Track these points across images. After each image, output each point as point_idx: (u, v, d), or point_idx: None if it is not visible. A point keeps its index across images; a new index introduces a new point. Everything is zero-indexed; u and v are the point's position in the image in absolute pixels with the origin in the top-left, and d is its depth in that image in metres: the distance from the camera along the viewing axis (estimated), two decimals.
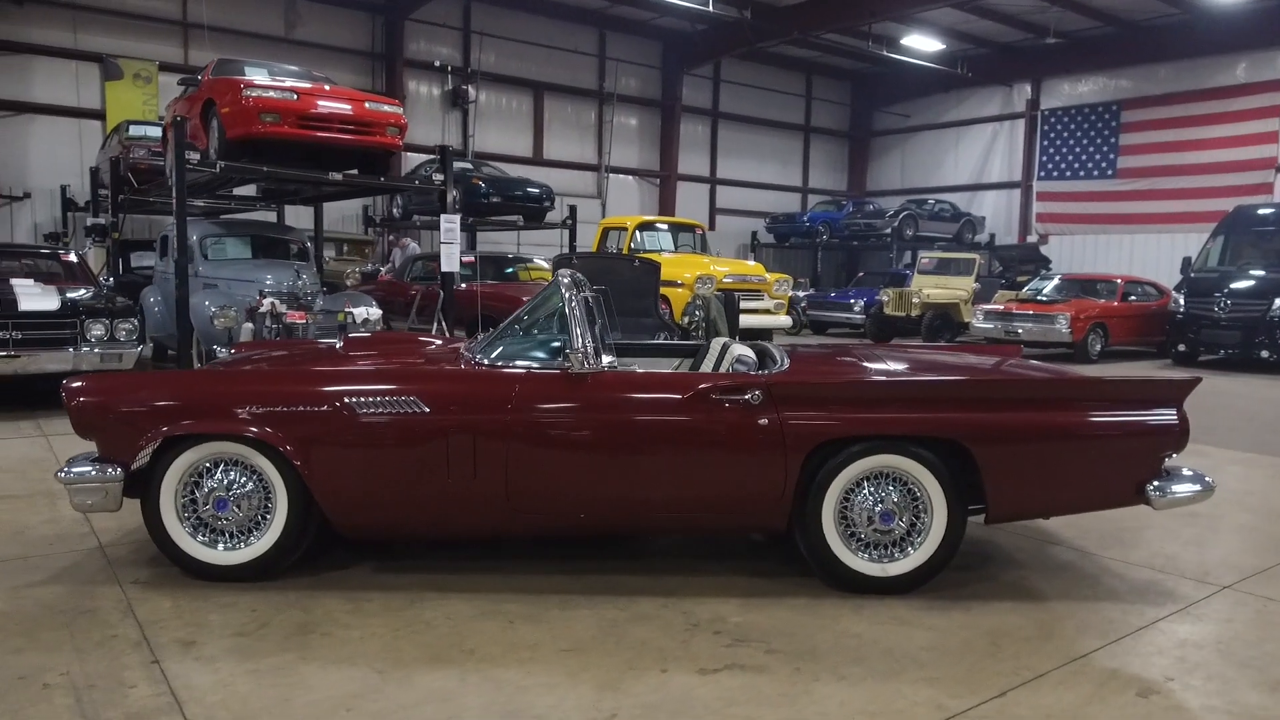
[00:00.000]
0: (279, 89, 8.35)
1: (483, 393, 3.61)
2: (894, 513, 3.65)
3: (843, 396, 3.64)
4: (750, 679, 2.95)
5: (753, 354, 4.07)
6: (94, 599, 3.50)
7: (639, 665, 3.02)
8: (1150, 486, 3.63)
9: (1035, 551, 4.36)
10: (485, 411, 3.58)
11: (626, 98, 23.47)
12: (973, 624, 3.44)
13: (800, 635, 3.30)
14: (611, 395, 3.63)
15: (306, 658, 3.03)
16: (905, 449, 3.61)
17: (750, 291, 12.28)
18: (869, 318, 17.42)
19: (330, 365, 4.00)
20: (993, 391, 3.69)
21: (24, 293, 7.49)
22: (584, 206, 22.10)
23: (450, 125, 21.25)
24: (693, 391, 3.60)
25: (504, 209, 16.68)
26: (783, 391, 3.60)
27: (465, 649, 3.12)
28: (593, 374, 3.65)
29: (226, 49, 17.43)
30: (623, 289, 9.58)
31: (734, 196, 26.02)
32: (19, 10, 16.20)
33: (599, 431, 3.60)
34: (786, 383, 3.62)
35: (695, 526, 3.84)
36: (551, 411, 3.60)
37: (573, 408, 3.60)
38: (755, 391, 3.59)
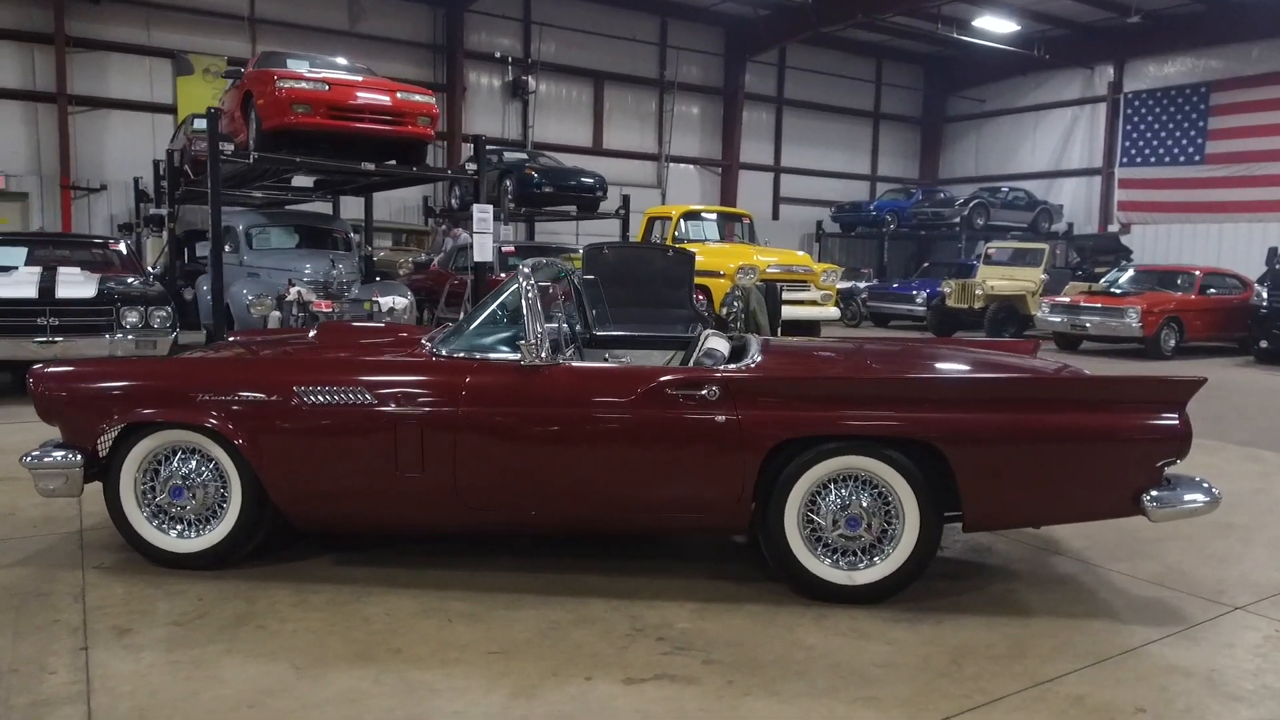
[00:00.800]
0: (311, 80, 8.45)
1: (432, 384, 3.52)
2: (860, 518, 3.43)
3: (804, 393, 3.43)
4: (677, 691, 2.79)
5: (724, 347, 3.89)
6: (53, 583, 3.54)
7: (565, 671, 2.90)
8: (1147, 496, 3.32)
9: (1035, 562, 4.07)
10: (434, 403, 3.49)
11: (687, 86, 23.22)
12: (939, 639, 3.20)
13: (747, 645, 3.12)
14: (563, 389, 3.49)
15: (232, 650, 2.99)
16: (873, 450, 3.38)
17: (796, 282, 11.97)
18: (930, 310, 16.86)
19: (288, 355, 3.96)
20: (966, 390, 3.42)
21: (65, 280, 7.76)
22: (644, 196, 22.01)
23: (510, 116, 21.37)
24: (647, 386, 3.44)
25: (557, 199, 16.67)
26: (740, 387, 3.41)
27: (393, 648, 3.04)
28: (546, 367, 3.53)
29: (293, 43, 17.86)
30: (656, 279, 9.47)
31: (798, 185, 25.55)
32: (96, 9, 16.87)
33: (550, 426, 3.47)
34: (745, 378, 3.43)
35: (651, 527, 3.69)
36: (501, 404, 3.49)
37: (523, 401, 3.48)
38: (712, 387, 3.41)
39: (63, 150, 16.70)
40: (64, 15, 16.52)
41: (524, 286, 3.67)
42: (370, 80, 9.07)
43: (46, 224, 16.58)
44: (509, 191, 16.43)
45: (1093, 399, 3.37)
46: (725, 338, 4.17)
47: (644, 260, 9.58)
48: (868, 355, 3.99)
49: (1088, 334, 13.55)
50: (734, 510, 3.46)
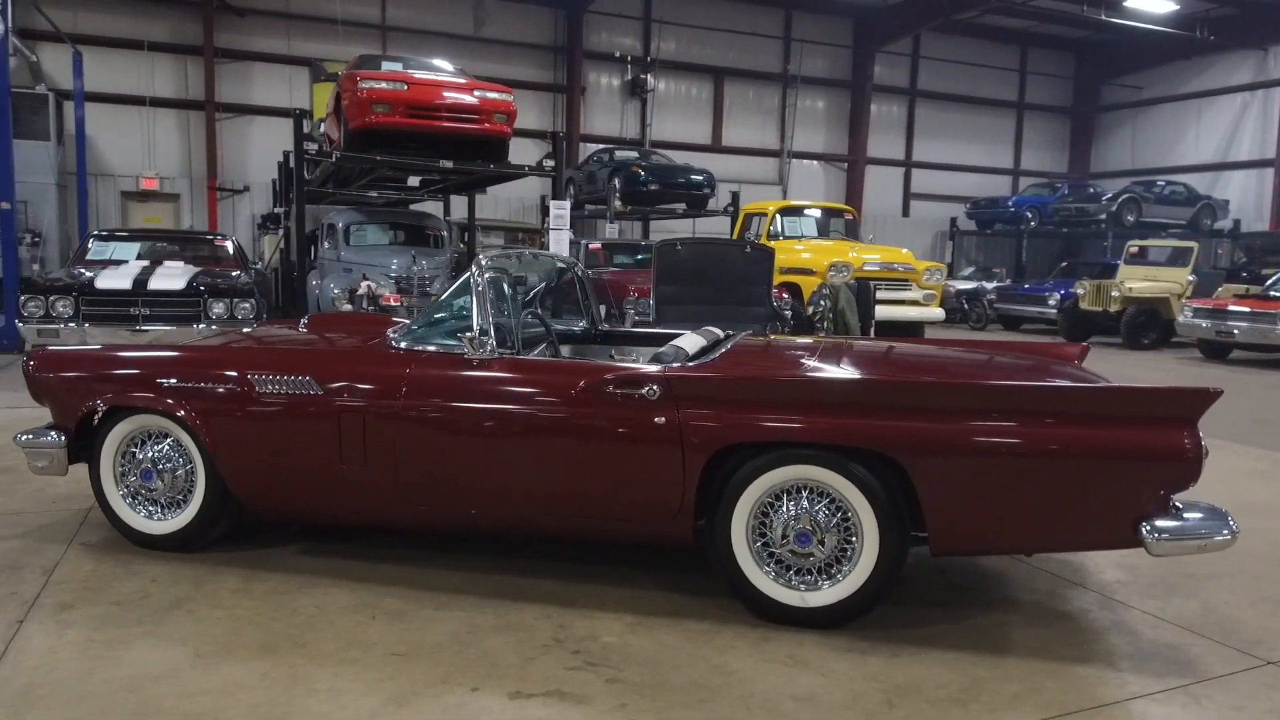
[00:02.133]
0: (391, 80, 8.68)
1: (374, 375, 3.46)
2: (811, 533, 3.12)
3: (747, 396, 3.14)
4: (560, 711, 2.60)
5: (693, 344, 3.63)
6: (34, 556, 3.71)
7: (454, 680, 2.76)
8: (1146, 526, 2.85)
9: (1048, 593, 3.61)
10: (376, 395, 3.43)
11: (812, 80, 22.59)
12: (885, 674, 2.86)
13: (665, 666, 2.89)
14: (502, 383, 3.36)
15: (151, 633, 3.03)
16: (827, 460, 3.07)
17: (896, 281, 11.36)
18: (1061, 313, 15.66)
19: (248, 345, 3.99)
20: (926, 397, 3.04)
21: (160, 273, 8.30)
22: (765, 193, 21.61)
23: (629, 115, 21.42)
24: (585, 383, 3.25)
25: (664, 196, 16.56)
26: (682, 387, 3.17)
27: (301, 642, 2.99)
28: (487, 360, 3.40)
29: (421, 48, 18.55)
30: (734, 276, 9.19)
31: (931, 181, 24.39)
32: (241, 21, 18.09)
33: (487, 421, 3.34)
34: (686, 378, 3.18)
35: (590, 534, 3.49)
36: (439, 397, 3.39)
37: (461, 394, 3.37)
38: (652, 386, 3.18)
39: (210, 154, 18.02)
40: (213, 28, 17.81)
41: (474, 277, 3.56)
42: (449, 80, 9.23)
43: (195, 223, 17.93)
44: (616, 190, 16.46)
45: (1078, 412, 2.91)
46: (703, 334, 3.90)
47: (720, 257, 9.31)
48: (850, 357, 3.64)
49: (1235, 341, 12.19)
50: (674, 519, 3.22)
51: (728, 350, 3.60)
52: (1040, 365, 3.68)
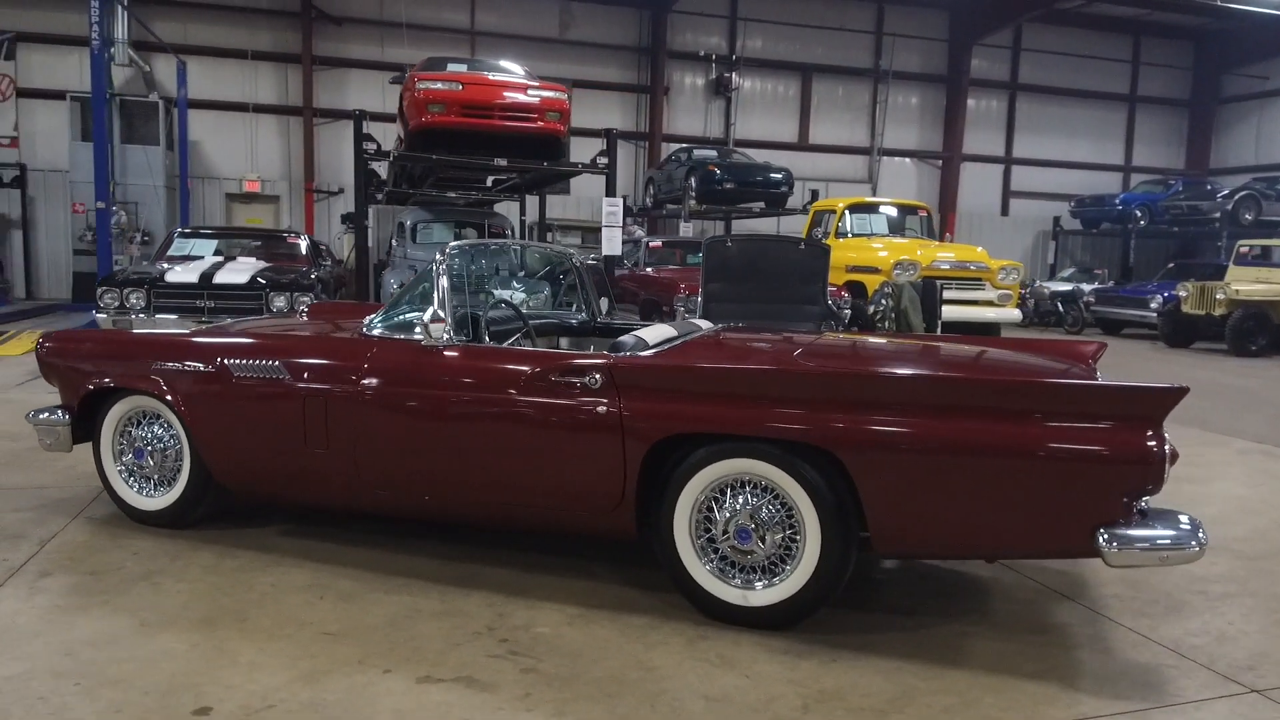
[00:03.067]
0: (447, 80, 8.86)
1: (337, 361, 3.52)
2: (750, 530, 3.00)
3: (687, 386, 3.04)
4: (461, 696, 2.57)
5: (656, 334, 3.55)
6: (38, 526, 3.94)
7: (371, 661, 2.77)
8: (1104, 533, 2.62)
9: (1030, 604, 3.37)
10: (337, 380, 3.48)
11: (905, 75, 21.94)
12: (813, 680, 2.72)
13: (588, 658, 2.83)
14: (452, 370, 3.36)
15: (109, 603, 3.16)
16: (768, 454, 2.95)
17: (969, 280, 10.89)
18: (1161, 316, 14.71)
19: (230, 330, 4.12)
20: (866, 389, 2.87)
21: (229, 268, 8.70)
22: (854, 192, 21.09)
23: (713, 114, 21.30)
24: (532, 371, 3.22)
25: (741, 195, 16.37)
26: (625, 376, 3.10)
27: (243, 617, 3.07)
28: (442, 347, 3.41)
29: (508, 53, 18.90)
30: (787, 274, 9.01)
31: (1032, 178, 23.34)
32: (338, 30, 18.85)
33: (437, 407, 3.35)
34: (627, 366, 3.11)
35: (537, 524, 3.44)
36: (394, 384, 3.42)
37: (413, 380, 3.39)
38: (595, 374, 3.13)
39: (307, 158, 18.83)
40: (312, 37, 18.61)
41: (436, 264, 3.58)
42: (504, 79, 9.36)
43: (293, 223, 18.77)
44: (692, 189, 16.37)
45: (1029, 410, 2.70)
46: (682, 326, 3.82)
47: (772, 254, 9.12)
48: (813, 350, 3.48)
49: None
50: (616, 510, 3.15)
51: (689, 340, 3.51)
52: (1021, 363, 3.44)
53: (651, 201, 18.81)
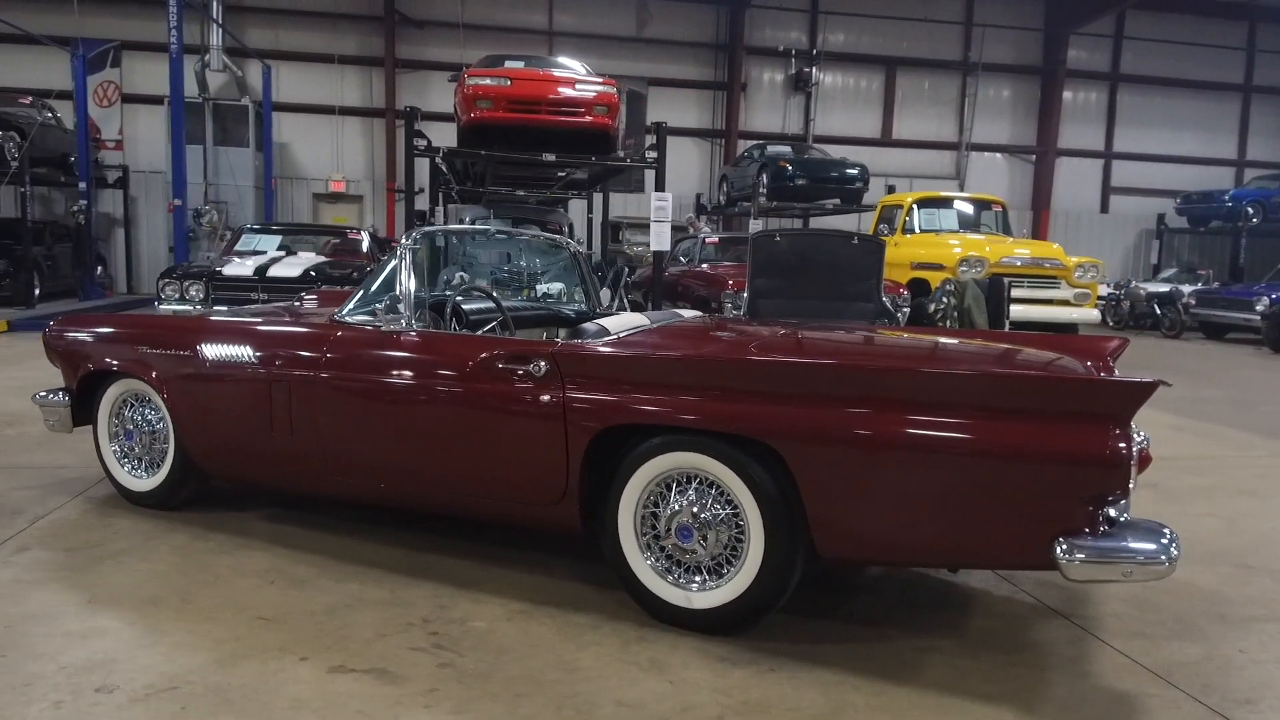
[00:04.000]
0: (495, 76, 8.89)
1: (302, 346, 3.50)
2: (693, 529, 2.84)
3: (629, 376, 2.89)
4: (367, 688, 2.50)
5: (622, 322, 3.41)
6: (38, 504, 4.06)
7: (292, 648, 2.73)
8: (1061, 544, 2.36)
9: (1013, 619, 3.10)
10: (300, 365, 3.47)
11: (995, 66, 21.09)
12: (741, 689, 2.54)
13: (513, 656, 2.72)
14: (405, 356, 3.30)
15: (68, 579, 3.21)
16: (712, 449, 2.78)
17: (1043, 278, 10.32)
18: (1266, 320, 13.66)
19: (212, 316, 4.17)
20: (805, 379, 2.66)
21: (285, 262, 8.95)
22: (939, 188, 20.38)
23: (792, 110, 20.92)
24: (481, 358, 3.13)
25: (814, 192, 15.99)
26: (568, 365, 2.98)
27: (188, 599, 3.07)
28: (396, 332, 3.36)
29: (587, 51, 19.04)
30: (839, 270, 8.71)
31: (1135, 173, 22.11)
32: (420, 33, 19.29)
33: (389, 394, 3.30)
34: (570, 354, 2.99)
35: (486, 515, 3.34)
36: (351, 370, 3.38)
37: (368, 366, 3.35)
38: (539, 362, 3.02)
39: (389, 158, 19.33)
40: (394, 40, 19.10)
41: (400, 251, 3.53)
42: (551, 74, 9.33)
43: (375, 221, 19.29)
44: (763, 186, 16.08)
45: (980, 404, 2.45)
46: (649, 316, 3.66)
47: (824, 249, 8.82)
48: (773, 341, 3.28)
49: None
50: (559, 503, 3.03)
51: (651, 329, 3.36)
52: (984, 355, 3.15)
53: (725, 199, 18.59)
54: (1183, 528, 4.23)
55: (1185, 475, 5.30)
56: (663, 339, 3.16)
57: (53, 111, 15.94)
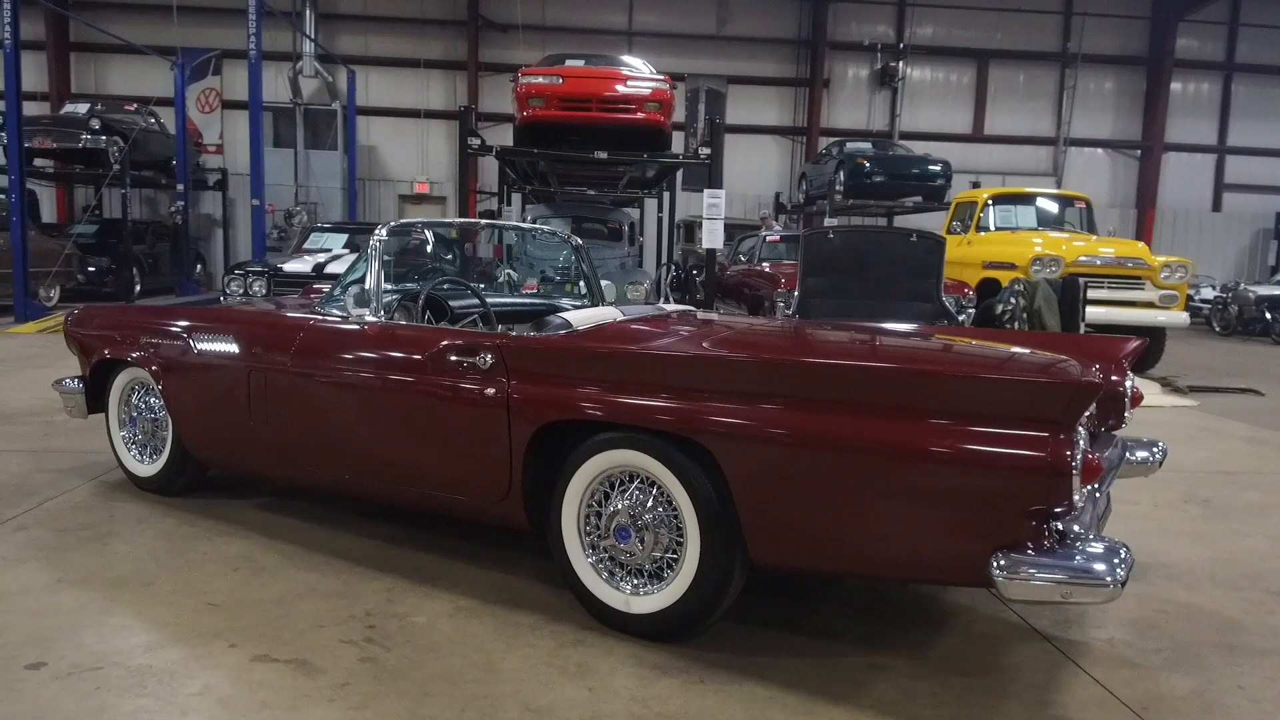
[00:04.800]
0: (547, 74, 8.92)
1: (274, 337, 3.53)
2: (630, 529, 2.72)
3: (569, 370, 2.80)
4: (280, 678, 2.48)
5: (589, 316, 3.30)
6: (52, 486, 4.23)
7: (226, 635, 2.73)
8: (998, 560, 2.15)
9: (989, 639, 2.86)
10: (273, 356, 3.50)
11: (1097, 57, 20.03)
12: (660, 700, 2.41)
13: (440, 654, 2.66)
14: (366, 347, 3.28)
15: (49, 558, 3.31)
16: (650, 446, 2.66)
17: (1126, 279, 9.70)
18: None
19: (204, 307, 4.25)
20: (734, 375, 2.50)
21: (344, 259, 9.18)
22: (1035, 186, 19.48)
23: (877, 106, 20.36)
24: (433, 349, 3.09)
25: (893, 189, 15.52)
26: (513, 357, 2.90)
27: (149, 582, 3.13)
28: (360, 324, 3.35)
29: (665, 51, 19.03)
30: (896, 268, 8.41)
31: (1252, 169, 20.68)
32: (503, 36, 19.58)
33: (350, 384, 3.29)
34: (515, 346, 2.91)
35: (440, 509, 3.28)
36: (316, 360, 3.38)
37: (331, 358, 3.34)
38: (485, 354, 2.95)
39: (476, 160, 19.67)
40: (477, 45, 19.46)
41: (371, 243, 3.53)
42: (603, 71, 9.28)
43: None
44: (840, 183, 15.69)
45: (913, 404, 2.25)
46: (624, 310, 3.55)
47: (881, 247, 8.51)
48: (721, 337, 3.11)
49: None
50: (503, 499, 2.96)
51: (612, 323, 3.25)
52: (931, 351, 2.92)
53: (804, 198, 18.23)
54: (1223, 547, 3.88)
55: (1246, 491, 4.86)
56: (616, 334, 3.05)
57: (156, 118, 16.87)
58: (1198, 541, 3.97)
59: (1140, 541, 3.91)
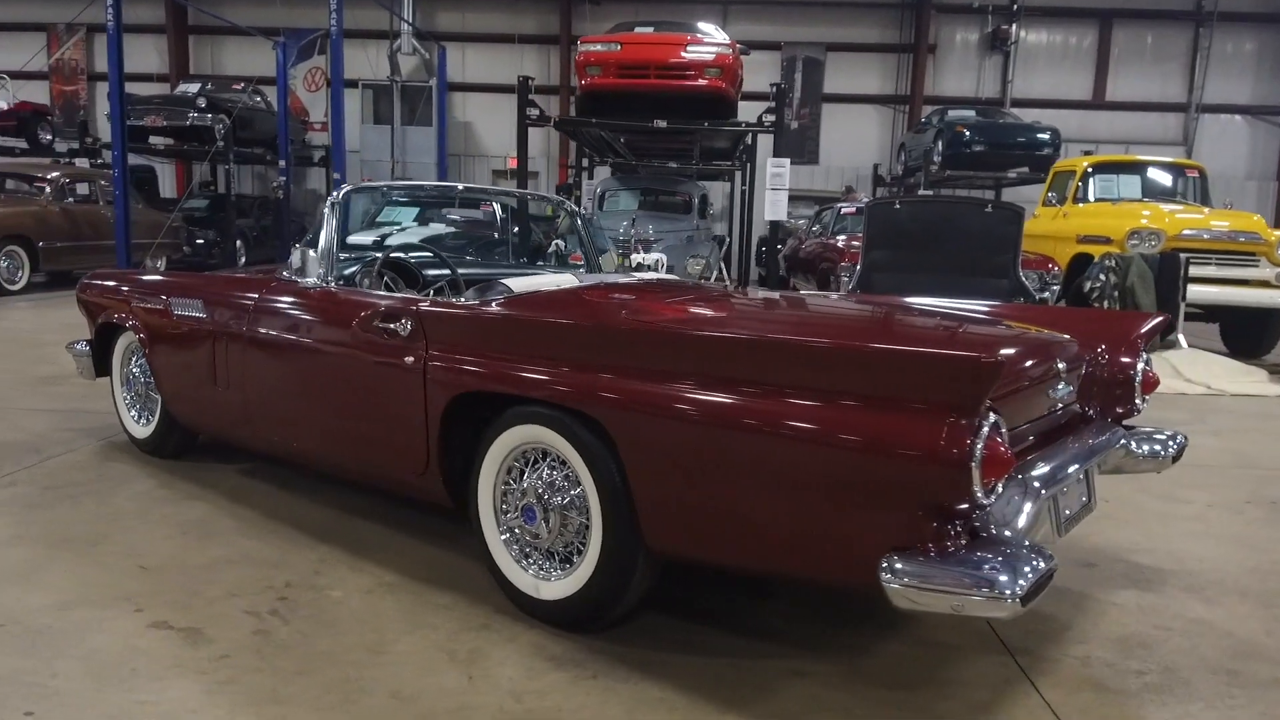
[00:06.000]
0: (605, 41, 8.70)
1: (234, 303, 3.50)
2: (536, 509, 2.54)
3: (479, 340, 2.62)
4: (165, 646, 2.41)
5: (534, 282, 3.12)
6: (59, 444, 4.35)
7: (135, 599, 2.69)
8: (887, 563, 1.86)
9: (945, 649, 2.56)
10: (236, 320, 3.47)
11: (1235, 15, 18.30)
12: (536, 695, 2.24)
13: (336, 631, 2.55)
14: (308, 314, 3.20)
15: (14, 514, 3.37)
16: (555, 422, 2.46)
17: (1238, 255, 8.78)
18: None
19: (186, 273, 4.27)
20: (624, 345, 2.26)
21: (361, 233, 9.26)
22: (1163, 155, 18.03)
23: (987, 73, 19.24)
24: (362, 316, 2.98)
25: (993, 159, 14.63)
26: (432, 326, 2.75)
27: (95, 542, 3.13)
28: (306, 292, 3.27)
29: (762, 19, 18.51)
30: (969, 241, 7.87)
31: None
32: (597, 9, 19.44)
33: (290, 350, 3.22)
34: (431, 314, 2.75)
35: (375, 481, 3.16)
36: (266, 325, 3.33)
37: (277, 323, 3.28)
38: (405, 321, 2.82)
39: (563, 135, 19.69)
40: (570, 19, 19.38)
41: (323, 209, 3.44)
42: (662, 37, 8.99)
43: None
44: (937, 153, 14.90)
45: (803, 381, 1.97)
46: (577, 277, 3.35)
47: (953, 218, 7.95)
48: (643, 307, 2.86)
49: None
50: (424, 474, 2.82)
51: (548, 290, 3.05)
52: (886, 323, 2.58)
53: (903, 169, 17.43)
54: (1271, 556, 3.41)
55: None
56: (535, 302, 2.85)
57: (263, 96, 17.56)
58: (1242, 548, 3.48)
59: (1172, 544, 3.47)
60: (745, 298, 3.45)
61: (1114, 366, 2.87)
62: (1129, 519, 3.80)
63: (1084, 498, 2.50)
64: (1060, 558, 3.31)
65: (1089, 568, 3.24)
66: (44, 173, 11.88)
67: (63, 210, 11.59)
